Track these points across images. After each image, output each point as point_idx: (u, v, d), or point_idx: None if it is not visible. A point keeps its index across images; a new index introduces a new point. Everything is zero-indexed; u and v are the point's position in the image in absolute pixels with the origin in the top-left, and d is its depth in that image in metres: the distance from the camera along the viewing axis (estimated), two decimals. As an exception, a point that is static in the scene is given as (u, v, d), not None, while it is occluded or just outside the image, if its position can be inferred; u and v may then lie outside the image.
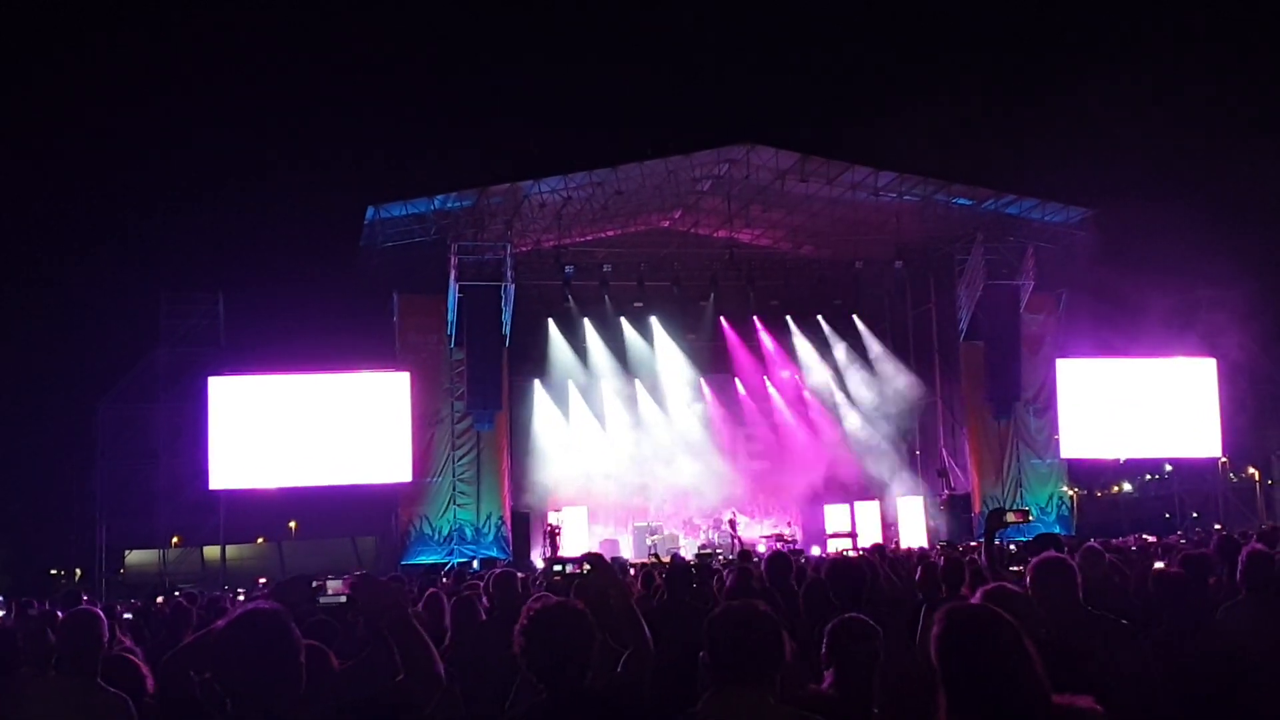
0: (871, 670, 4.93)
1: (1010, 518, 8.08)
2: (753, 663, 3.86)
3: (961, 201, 31.40)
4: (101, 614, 5.74)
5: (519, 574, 10.10)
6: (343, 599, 5.11)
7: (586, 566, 5.27)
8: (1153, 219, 27.36)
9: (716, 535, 30.59)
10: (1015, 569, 7.15)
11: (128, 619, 12.56)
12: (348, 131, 51.98)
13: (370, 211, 28.40)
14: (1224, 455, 34.57)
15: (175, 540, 32.10)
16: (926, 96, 55.81)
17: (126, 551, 32.52)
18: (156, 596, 22.66)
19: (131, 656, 6.15)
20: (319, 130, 53.50)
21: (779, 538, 29.90)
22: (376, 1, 64.64)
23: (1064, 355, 32.53)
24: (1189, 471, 36.26)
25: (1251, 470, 37.61)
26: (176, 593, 23.37)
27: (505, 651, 4.28)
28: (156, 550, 31.36)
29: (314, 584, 6.39)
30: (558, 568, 11.60)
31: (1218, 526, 30.34)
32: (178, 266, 39.21)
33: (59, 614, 7.31)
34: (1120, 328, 30.64)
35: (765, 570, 9.16)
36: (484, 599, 8.44)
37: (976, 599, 4.40)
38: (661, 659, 6.18)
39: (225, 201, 49.34)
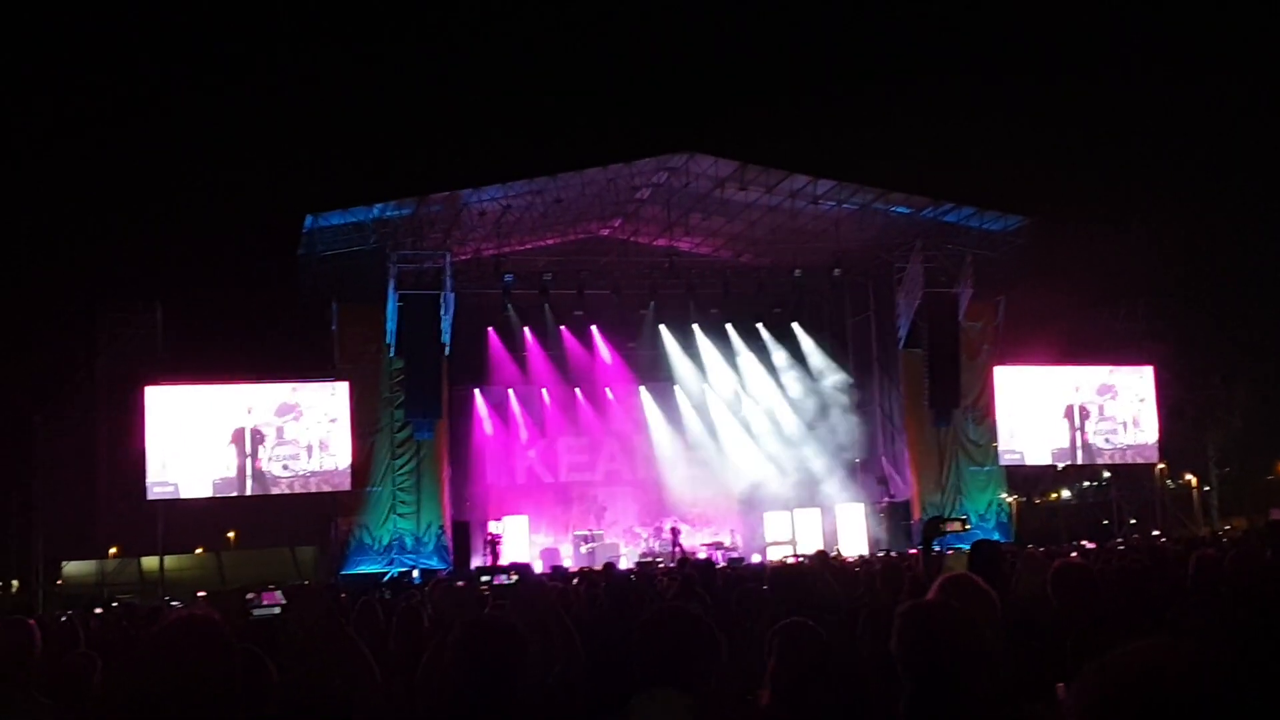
0: (818, 676, 4.81)
1: (948, 526, 8.12)
2: (677, 667, 3.74)
3: (900, 210, 31.43)
4: (34, 624, 5.56)
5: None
6: (277, 610, 5.10)
7: (515, 577, 5.28)
8: (1090, 226, 27.67)
9: (658, 544, 30.61)
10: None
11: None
12: (286, 139, 51.59)
13: (309, 220, 28.21)
14: (1161, 461, 34.89)
15: (113, 551, 31.81)
16: (866, 106, 56.29)
17: (64, 562, 32.25)
18: (94, 608, 22.52)
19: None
20: (257, 138, 53.16)
21: (719, 545, 30.02)
22: (315, 11, 64.49)
23: (1002, 362, 32.69)
24: (1127, 478, 36.32)
25: (1189, 476, 37.96)
26: (115, 603, 23.28)
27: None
28: (95, 561, 31.17)
29: (248, 595, 6.35)
30: (485, 578, 11.19)
31: (1156, 533, 30.69)
32: (115, 277, 38.84)
33: None
34: (1058, 334, 30.87)
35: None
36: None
37: (934, 591, 4.33)
38: (599, 667, 6.21)
39: (162, 211, 48.95)
